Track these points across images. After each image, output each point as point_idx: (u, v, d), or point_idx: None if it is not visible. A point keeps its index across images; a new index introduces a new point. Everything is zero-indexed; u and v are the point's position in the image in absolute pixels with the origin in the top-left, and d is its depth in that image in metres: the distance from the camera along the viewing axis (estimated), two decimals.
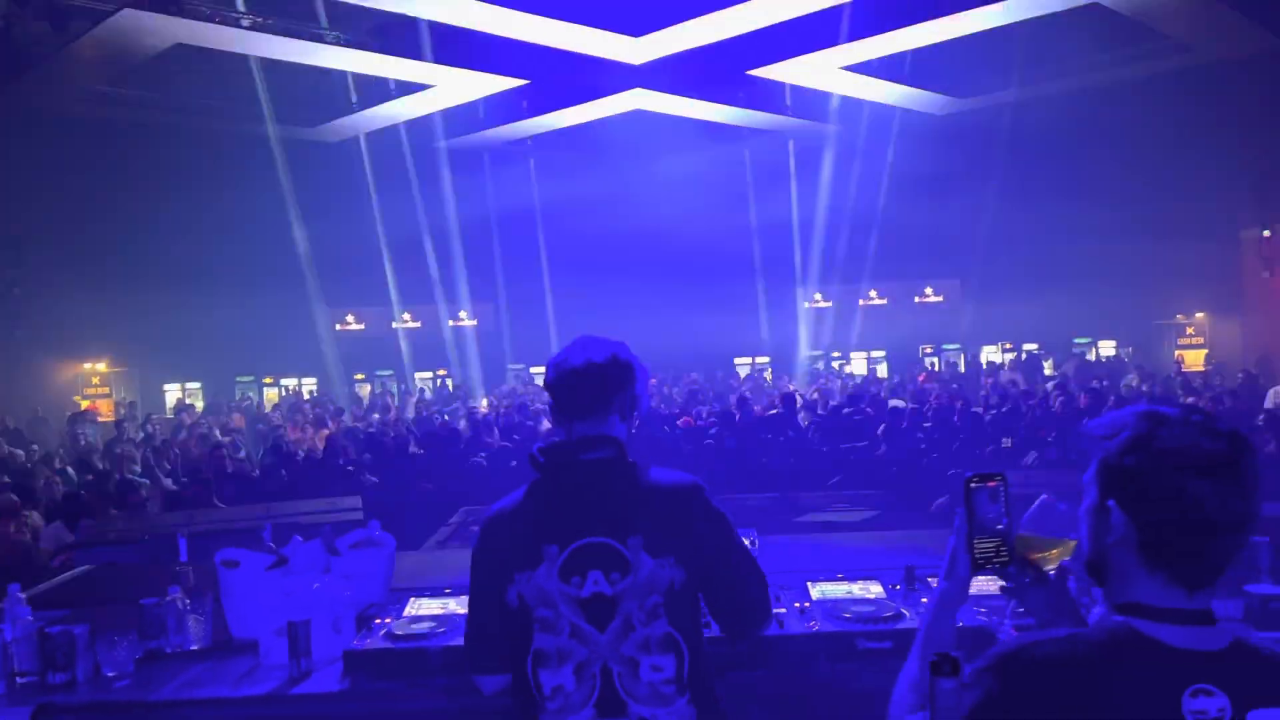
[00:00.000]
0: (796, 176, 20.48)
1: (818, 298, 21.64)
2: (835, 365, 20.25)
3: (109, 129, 15.93)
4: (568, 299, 20.68)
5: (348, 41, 14.01)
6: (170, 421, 16.41)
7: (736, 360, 20.66)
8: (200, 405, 18.95)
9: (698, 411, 12.55)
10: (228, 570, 3.14)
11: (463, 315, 21.62)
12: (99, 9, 11.91)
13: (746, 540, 2.71)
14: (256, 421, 16.36)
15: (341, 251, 19.43)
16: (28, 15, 12.30)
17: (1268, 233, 17.36)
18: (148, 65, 14.16)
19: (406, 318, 22.38)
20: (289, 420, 15.59)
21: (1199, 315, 19.33)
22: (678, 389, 16.41)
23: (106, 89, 14.93)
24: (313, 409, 16.34)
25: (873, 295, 22.04)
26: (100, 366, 19.95)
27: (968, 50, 15.00)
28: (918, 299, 22.16)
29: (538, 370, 20.03)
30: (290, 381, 20.80)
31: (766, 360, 20.70)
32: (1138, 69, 14.96)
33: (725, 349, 20.55)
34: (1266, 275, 17.60)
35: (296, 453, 10.91)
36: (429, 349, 21.36)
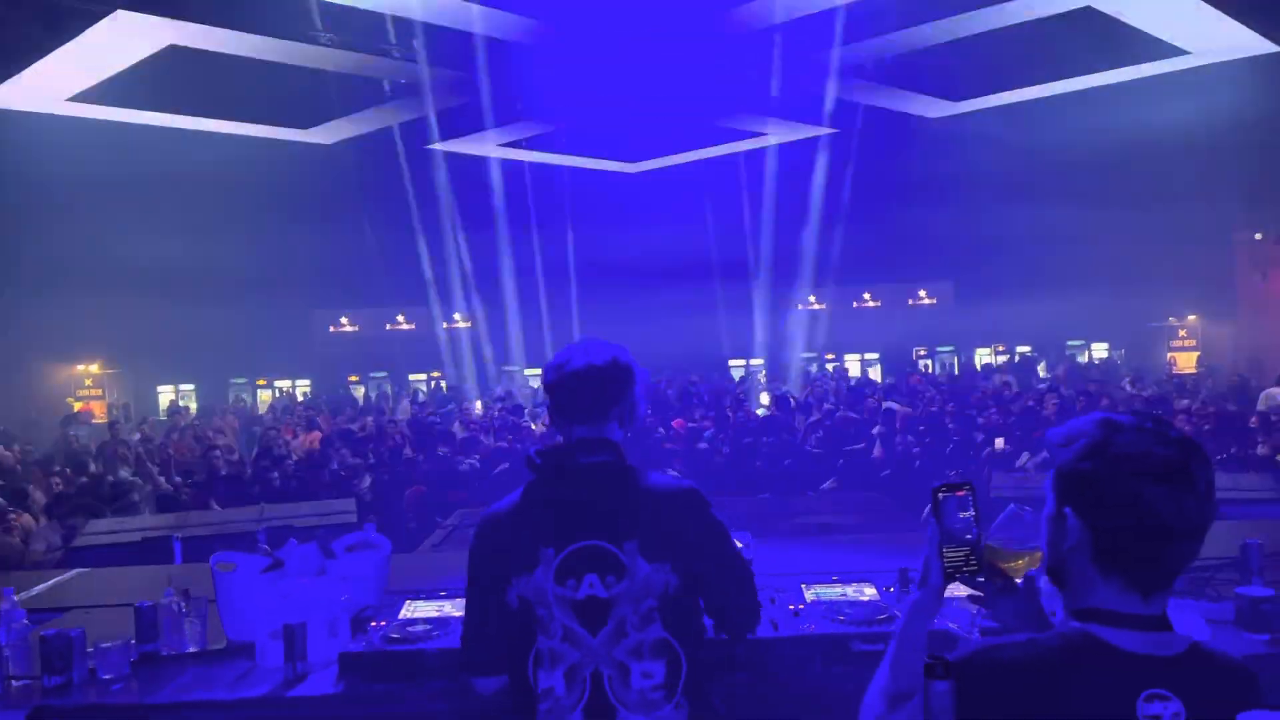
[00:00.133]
0: (791, 179, 20.48)
1: (812, 300, 21.67)
2: (830, 368, 20.28)
3: (101, 129, 15.87)
4: (561, 302, 20.68)
5: (342, 43, 13.97)
6: (164, 423, 16.36)
7: (731, 362, 20.68)
8: (194, 407, 18.91)
9: (692, 413, 12.54)
10: (223, 573, 3.14)
11: (457, 317, 21.60)
12: (92, 10, 11.87)
13: (740, 543, 2.72)
14: (251, 424, 16.32)
15: (335, 254, 19.43)
16: (20, 16, 12.26)
17: (1260, 236, 17.46)
18: (140, 66, 14.12)
19: (401, 320, 22.37)
20: (281, 422, 15.56)
21: (1191, 318, 19.41)
22: (673, 390, 16.40)
23: (99, 90, 14.87)
24: (304, 411, 16.32)
25: (866, 298, 22.09)
26: (93, 368, 19.92)
27: (962, 53, 15.03)
28: (911, 301, 22.21)
29: (532, 372, 20.04)
30: (284, 383, 20.78)
31: (760, 362, 20.71)
32: (1131, 73, 14.99)
33: (719, 351, 20.56)
34: (1259, 278, 17.70)
35: (288, 455, 10.88)
36: (423, 351, 21.34)
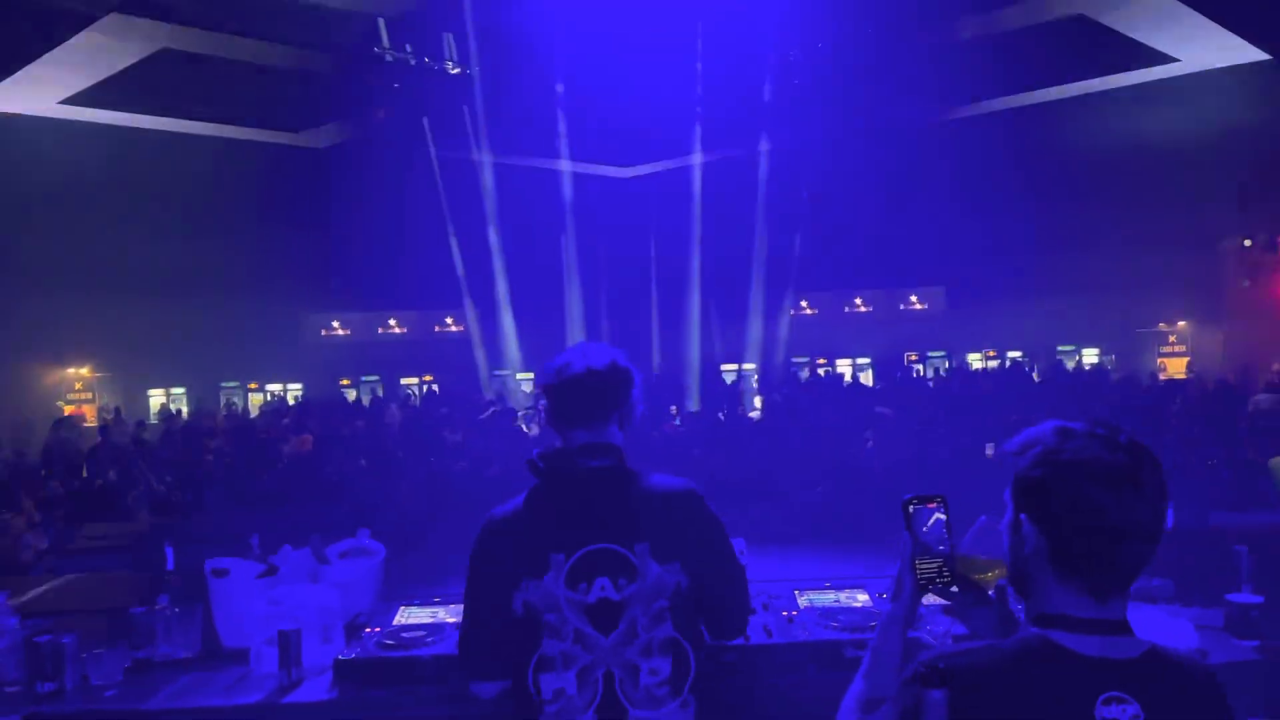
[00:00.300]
0: (784, 183, 20.49)
1: (803, 305, 21.69)
2: (820, 372, 20.30)
3: (94, 132, 15.83)
4: (555, 305, 20.66)
5: (335, 47, 13.99)
6: (156, 427, 16.30)
7: (723, 366, 20.68)
8: (185, 410, 18.84)
9: (683, 415, 12.57)
10: (217, 579, 3.14)
11: (449, 321, 21.56)
12: (85, 13, 11.86)
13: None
14: (242, 427, 16.24)
15: (327, 257, 19.40)
16: (13, 18, 12.24)
17: (1249, 242, 17.53)
18: (133, 69, 14.11)
19: (393, 324, 22.31)
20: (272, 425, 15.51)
21: (1181, 324, 19.49)
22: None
23: (92, 92, 14.84)
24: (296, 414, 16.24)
25: (858, 303, 22.13)
26: (83, 372, 19.81)
27: (954, 59, 15.09)
28: (902, 306, 22.25)
29: (524, 376, 20.03)
30: (275, 387, 20.71)
31: (752, 367, 20.72)
32: (1121, 80, 15.08)
33: (711, 355, 20.56)
34: (1247, 284, 17.78)
35: (280, 459, 10.85)
36: (415, 355, 21.30)
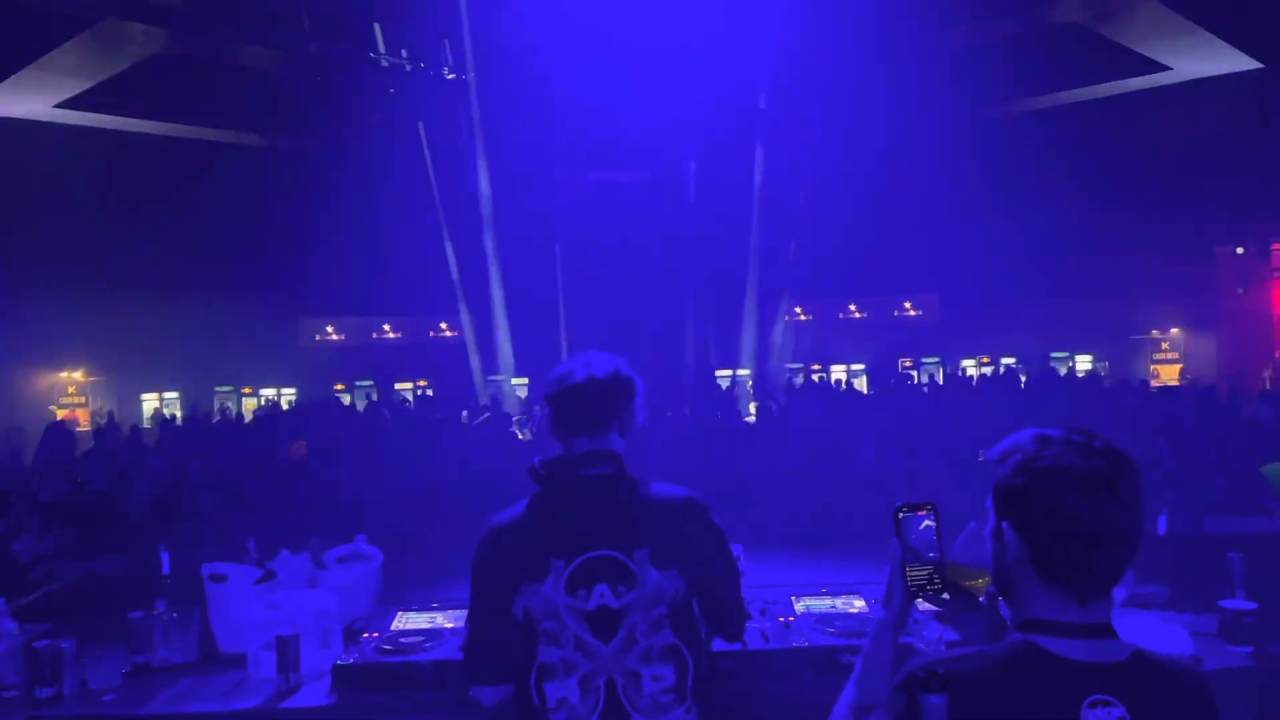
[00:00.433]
0: (778, 190, 20.53)
1: (798, 311, 21.73)
2: (815, 378, 20.33)
3: (89, 135, 15.81)
4: (549, 311, 20.66)
5: (330, 53, 14.00)
6: (151, 431, 16.27)
7: (718, 372, 20.69)
8: (179, 415, 18.80)
9: (673, 420, 12.53)
10: (215, 584, 3.15)
11: (444, 326, 21.56)
12: (81, 17, 11.86)
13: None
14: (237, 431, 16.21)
15: (323, 262, 19.37)
16: (8, 22, 12.23)
17: (1241, 249, 17.63)
18: (129, 73, 14.11)
19: (386, 329, 22.29)
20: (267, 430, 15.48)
21: (1174, 330, 19.57)
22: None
23: (88, 96, 14.83)
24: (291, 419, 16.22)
25: (852, 309, 22.18)
26: (77, 375, 19.78)
27: (950, 68, 15.16)
28: (896, 313, 22.31)
29: (519, 381, 20.01)
30: (269, 391, 20.67)
31: (747, 372, 20.74)
32: (1115, 88, 15.16)
33: (706, 360, 20.56)
34: (1240, 291, 17.88)
35: (276, 464, 10.84)
36: (409, 359, 21.28)
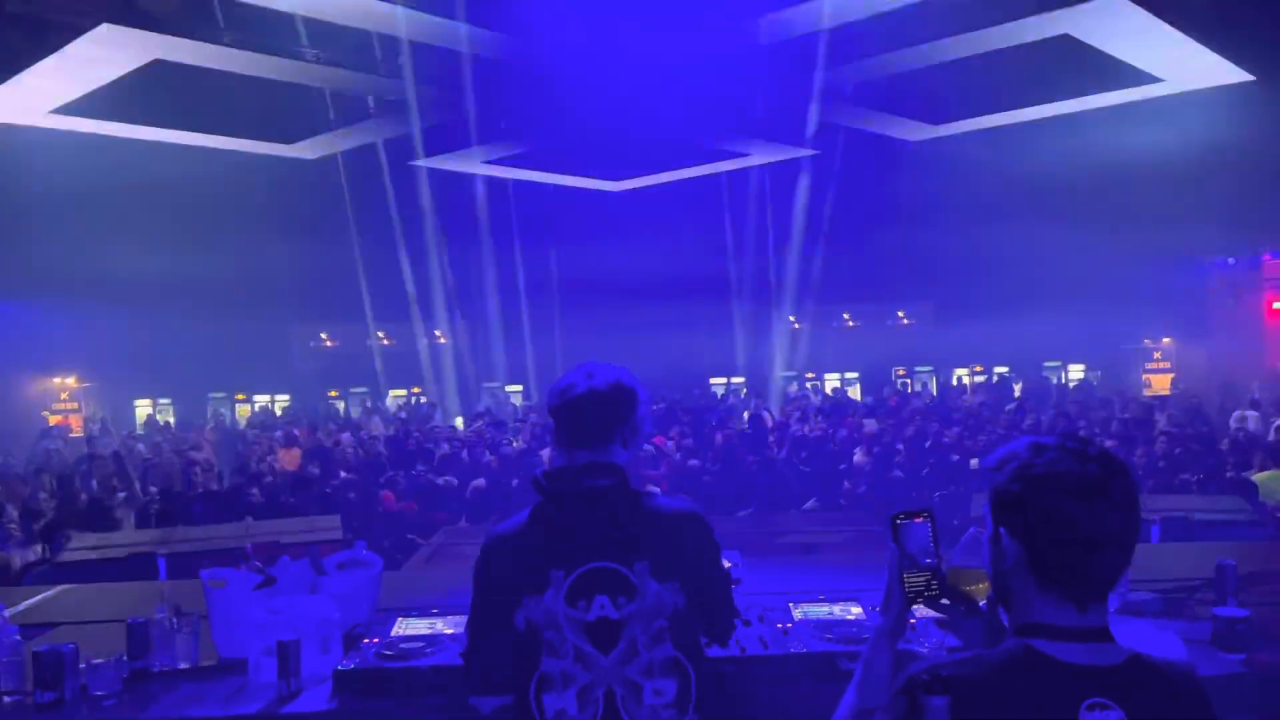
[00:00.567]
0: (772, 200, 20.63)
1: (791, 320, 21.81)
2: (809, 386, 20.40)
3: (83, 142, 15.78)
4: (544, 318, 20.72)
5: (327, 59, 14.00)
6: (146, 438, 16.24)
7: (712, 380, 20.76)
8: (172, 421, 18.79)
9: (675, 431, 12.56)
10: (216, 589, 3.16)
11: (438, 333, 21.56)
12: (77, 23, 11.84)
13: (730, 562, 2.78)
14: (230, 438, 16.20)
15: (316, 269, 19.39)
16: (3, 28, 12.22)
17: (1232, 260, 17.76)
18: (124, 80, 14.09)
19: (381, 335, 22.29)
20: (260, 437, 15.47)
21: (1166, 340, 19.69)
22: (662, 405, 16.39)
23: (81, 103, 14.79)
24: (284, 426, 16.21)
25: (846, 318, 22.28)
26: (69, 382, 19.75)
27: (943, 78, 15.24)
28: (890, 322, 22.40)
29: (514, 389, 20.04)
30: (263, 398, 20.66)
31: (741, 380, 20.81)
32: (1107, 99, 15.24)
33: (700, 369, 20.62)
34: (1231, 301, 18.00)
35: (268, 472, 10.83)
36: (404, 366, 21.28)
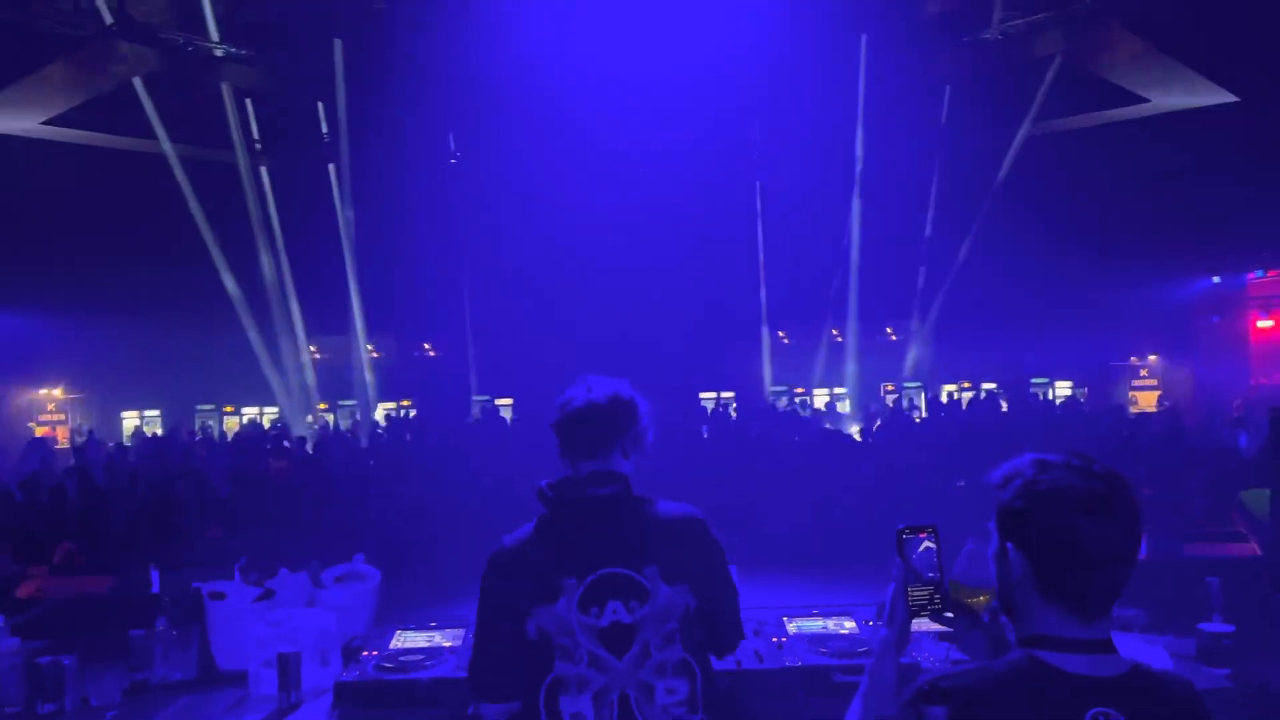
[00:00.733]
0: (763, 215, 20.73)
1: (781, 335, 21.88)
2: (798, 400, 20.47)
3: (72, 153, 15.76)
4: (534, 332, 20.70)
5: (317, 73, 14.06)
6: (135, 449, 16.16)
7: (701, 394, 20.77)
8: (160, 433, 18.69)
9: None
10: (215, 602, 3.18)
11: (427, 346, 21.56)
12: (73, 35, 11.87)
13: None
14: (218, 450, 16.12)
15: (307, 281, 19.39)
16: None
17: (1217, 279, 17.94)
18: (118, 90, 14.13)
19: (370, 348, 22.26)
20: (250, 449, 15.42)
21: (1151, 357, 19.85)
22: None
23: (74, 113, 14.80)
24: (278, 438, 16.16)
25: (835, 334, 22.34)
26: (56, 392, 19.66)
27: (932, 98, 15.40)
28: (879, 338, 22.48)
29: (504, 402, 20.01)
30: (251, 410, 20.58)
31: (731, 395, 20.84)
32: (1094, 118, 15.42)
33: (690, 383, 20.64)
34: (1215, 320, 18.18)
35: (257, 484, 10.79)
36: (393, 379, 21.25)
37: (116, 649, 3.02)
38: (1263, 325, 17.22)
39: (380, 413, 20.48)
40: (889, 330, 22.46)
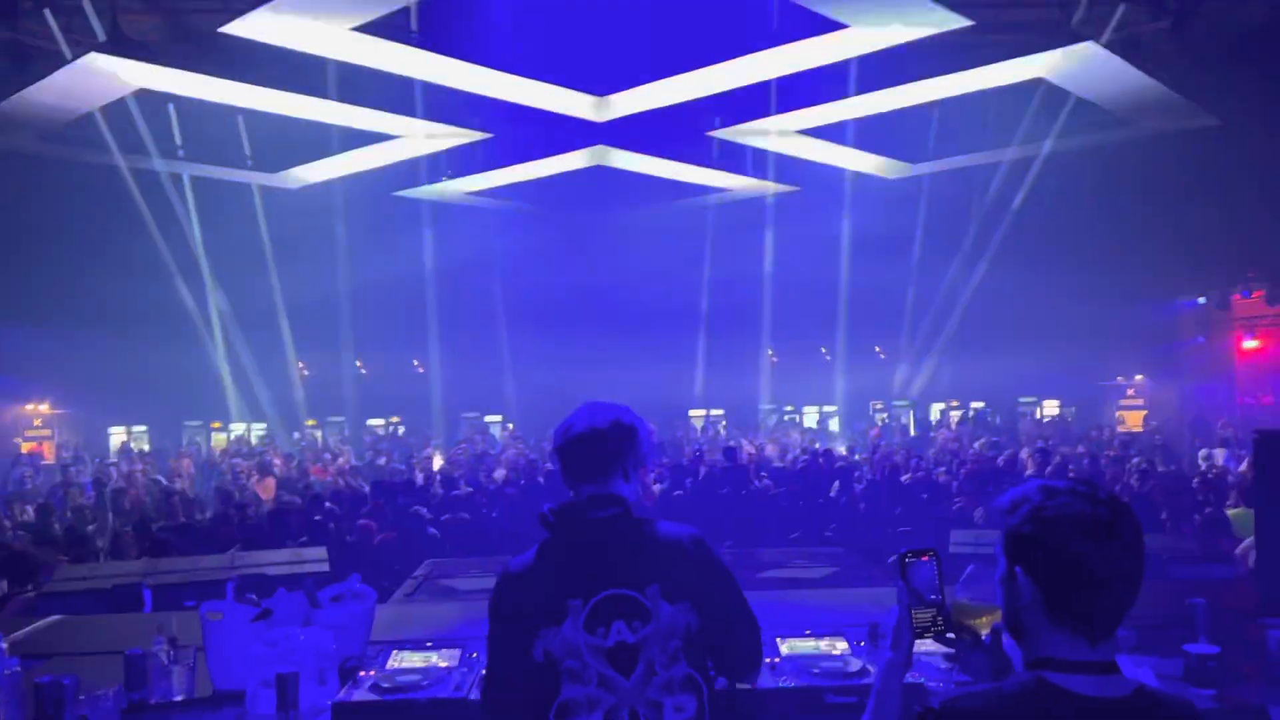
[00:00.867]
0: (754, 235, 20.84)
1: (770, 353, 21.97)
2: (788, 418, 20.56)
3: (62, 169, 15.73)
4: (524, 349, 20.74)
5: (313, 91, 14.06)
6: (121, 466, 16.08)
7: (691, 412, 20.83)
8: (147, 448, 18.62)
9: (652, 463, 12.59)
10: (212, 621, 3.20)
11: (415, 363, 21.55)
12: (64, 52, 11.86)
13: None
14: (210, 469, 16.05)
15: (296, 297, 19.40)
16: None
17: (1203, 300, 18.10)
18: (110, 108, 14.12)
19: (358, 364, 22.25)
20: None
21: (1139, 377, 20.00)
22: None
23: (64, 130, 14.75)
24: (273, 455, 16.13)
25: (823, 352, 22.45)
26: (42, 408, 19.58)
27: (921, 118, 15.53)
28: (869, 356, 22.58)
29: (493, 419, 20.02)
30: (239, 426, 20.52)
31: (721, 413, 20.90)
32: (1080, 141, 15.57)
33: (679, 401, 20.69)
34: (1202, 340, 18.34)
35: (248, 503, 10.76)
36: (381, 396, 21.25)
37: (113, 668, 3.03)
38: (1249, 346, 17.35)
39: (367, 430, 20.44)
40: (878, 349, 22.57)
